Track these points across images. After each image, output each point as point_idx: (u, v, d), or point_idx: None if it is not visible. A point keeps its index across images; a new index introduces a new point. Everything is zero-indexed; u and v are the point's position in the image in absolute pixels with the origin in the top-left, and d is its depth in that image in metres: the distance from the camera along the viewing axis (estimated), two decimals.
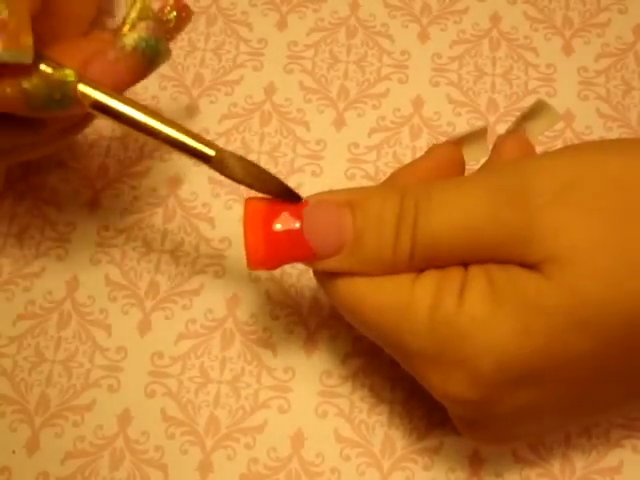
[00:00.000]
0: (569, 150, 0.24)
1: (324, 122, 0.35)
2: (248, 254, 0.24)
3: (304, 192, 0.24)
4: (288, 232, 0.23)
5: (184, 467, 0.30)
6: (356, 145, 0.34)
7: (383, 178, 0.28)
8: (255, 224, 0.24)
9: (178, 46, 0.37)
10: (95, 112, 0.24)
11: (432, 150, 0.27)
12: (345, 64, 0.36)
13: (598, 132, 0.34)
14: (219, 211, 0.33)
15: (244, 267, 0.32)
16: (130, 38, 0.25)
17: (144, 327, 0.32)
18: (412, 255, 0.23)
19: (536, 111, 0.27)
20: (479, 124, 0.34)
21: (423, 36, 0.37)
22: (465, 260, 0.23)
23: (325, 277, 0.25)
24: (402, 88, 0.35)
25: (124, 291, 0.32)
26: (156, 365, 0.31)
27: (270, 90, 0.36)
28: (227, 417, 0.30)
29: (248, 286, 0.32)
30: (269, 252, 0.23)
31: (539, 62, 0.36)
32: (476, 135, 0.27)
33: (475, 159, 0.27)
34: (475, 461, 0.30)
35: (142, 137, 0.34)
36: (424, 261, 0.23)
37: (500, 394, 0.23)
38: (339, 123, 0.35)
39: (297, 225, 0.23)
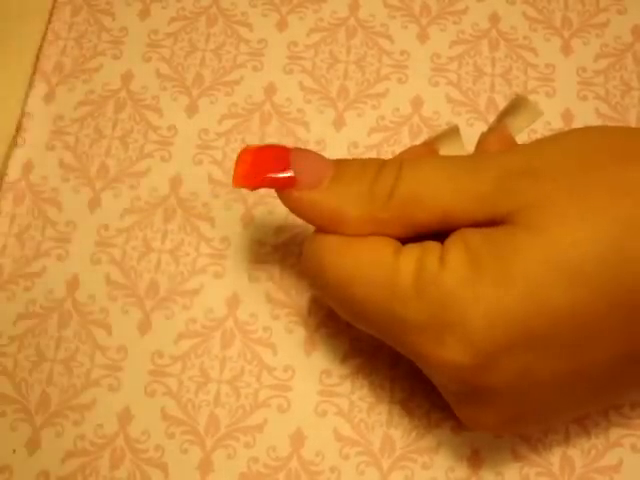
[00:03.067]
0: (544, 137, 0.26)
1: (324, 122, 0.35)
2: (235, 169, 0.25)
3: None
4: (275, 152, 0.25)
5: (184, 466, 0.30)
6: (356, 145, 0.34)
7: None
8: (249, 149, 0.26)
9: (178, 46, 0.37)
10: None
11: (410, 149, 0.28)
12: (345, 64, 0.36)
13: None
14: (219, 211, 0.33)
15: (244, 267, 0.33)
16: None
17: (144, 326, 0.32)
18: (391, 193, 0.24)
19: (516, 107, 0.27)
20: (478, 124, 0.35)
21: (422, 36, 0.37)
22: (440, 217, 0.24)
23: (312, 263, 0.25)
24: (401, 88, 0.36)
25: (124, 290, 0.32)
26: (156, 364, 0.31)
27: (270, 90, 0.36)
28: (227, 416, 0.30)
29: (248, 286, 0.32)
30: (254, 168, 0.25)
31: (538, 62, 0.36)
32: (450, 134, 0.28)
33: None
34: (474, 460, 0.30)
35: (141, 137, 0.35)
36: (401, 204, 0.24)
37: (495, 356, 0.23)
38: (339, 123, 0.35)
39: (283, 152, 0.26)
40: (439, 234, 0.25)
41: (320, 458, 0.30)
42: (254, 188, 0.26)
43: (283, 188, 0.25)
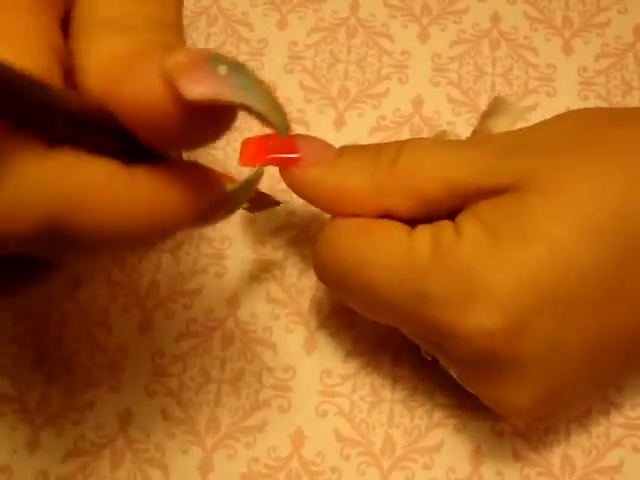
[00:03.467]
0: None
1: (324, 122, 0.35)
2: (242, 148, 0.26)
3: None
4: (282, 139, 0.26)
5: (185, 466, 0.30)
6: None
7: None
8: (254, 137, 0.26)
9: None
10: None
11: None
12: (345, 64, 0.36)
13: None
14: None
15: (245, 267, 0.33)
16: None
17: (145, 326, 0.32)
18: (394, 162, 0.25)
19: (495, 108, 0.27)
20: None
21: (423, 36, 0.37)
22: (448, 191, 0.24)
23: (327, 250, 0.25)
24: (402, 88, 0.36)
25: (125, 290, 0.32)
26: (157, 364, 0.31)
27: None
28: (227, 416, 0.30)
29: (249, 286, 0.32)
30: (261, 147, 0.26)
31: (539, 62, 0.36)
32: (441, 136, 0.28)
33: None
34: (475, 460, 0.30)
35: None
36: (405, 173, 0.24)
37: (524, 319, 0.23)
38: (339, 123, 0.35)
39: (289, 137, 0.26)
40: (449, 216, 0.25)
41: (321, 458, 0.30)
42: (260, 166, 0.26)
43: (287, 166, 0.26)
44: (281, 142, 0.26)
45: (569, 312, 0.23)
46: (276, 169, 0.27)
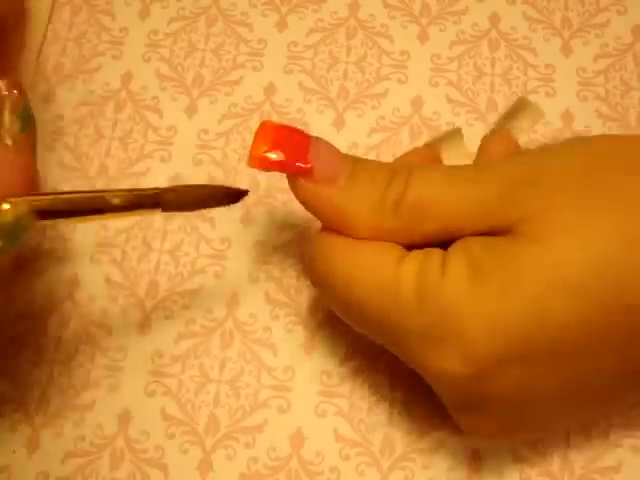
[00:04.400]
0: (548, 146, 0.25)
1: (324, 122, 0.35)
2: (252, 147, 0.25)
3: None
4: (296, 138, 0.25)
5: (184, 466, 0.30)
6: (356, 145, 0.34)
7: None
8: (269, 126, 0.25)
9: (178, 47, 0.37)
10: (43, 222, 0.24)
11: (411, 152, 0.28)
12: (345, 64, 0.36)
13: (597, 132, 0.34)
14: (219, 211, 0.33)
15: (244, 267, 0.33)
16: None
17: (144, 327, 0.32)
18: (399, 202, 0.24)
19: (518, 109, 0.27)
20: (478, 124, 0.34)
21: (422, 36, 0.37)
22: (447, 227, 0.24)
23: (318, 261, 0.25)
24: (401, 88, 0.36)
25: (124, 291, 0.32)
26: (156, 364, 0.31)
27: (270, 90, 0.36)
28: (227, 417, 0.30)
29: (248, 286, 0.32)
30: (272, 149, 0.25)
31: (538, 62, 0.36)
32: (452, 136, 0.27)
33: (454, 160, 0.27)
34: (475, 460, 0.30)
35: (141, 137, 0.35)
36: (409, 214, 0.24)
37: (493, 367, 0.23)
38: (339, 123, 0.35)
39: (305, 140, 0.25)
40: (443, 242, 0.25)
41: (320, 458, 0.30)
42: (268, 171, 0.25)
43: (298, 176, 0.25)
44: (296, 144, 0.25)
45: (546, 361, 0.23)
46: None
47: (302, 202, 0.26)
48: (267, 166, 0.25)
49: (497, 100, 0.35)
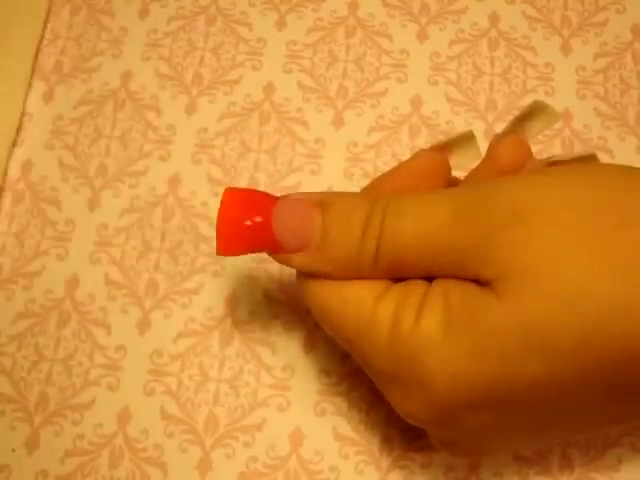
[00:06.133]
0: (536, 174, 0.24)
1: (323, 121, 0.35)
2: (218, 240, 0.24)
3: (303, 191, 0.24)
4: (257, 223, 0.24)
5: (183, 465, 0.30)
6: (355, 144, 0.34)
7: None
8: (229, 212, 0.24)
9: (177, 46, 0.37)
10: None
11: (417, 155, 0.27)
12: (344, 63, 0.36)
13: (596, 131, 0.34)
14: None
15: (243, 266, 0.33)
16: None
17: (143, 325, 0.32)
18: (376, 257, 0.23)
19: (534, 111, 0.26)
20: (477, 123, 0.34)
21: (422, 35, 0.37)
22: (428, 271, 0.23)
23: (301, 284, 0.25)
24: (401, 87, 0.36)
25: (123, 290, 0.32)
26: (155, 363, 0.31)
27: (269, 89, 0.36)
28: (226, 415, 0.30)
29: (247, 285, 0.32)
30: (237, 239, 0.24)
31: (537, 61, 0.36)
32: (465, 139, 0.27)
33: (465, 165, 0.27)
34: (474, 460, 0.30)
35: (140, 136, 0.35)
36: (388, 265, 0.23)
37: (456, 416, 0.23)
38: (338, 122, 0.35)
39: (267, 217, 0.24)
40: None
41: (319, 457, 0.30)
42: (237, 255, 0.25)
43: (270, 253, 0.25)
44: (256, 226, 0.24)
45: (506, 413, 0.23)
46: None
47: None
48: (235, 254, 0.25)
49: (496, 99, 0.35)
